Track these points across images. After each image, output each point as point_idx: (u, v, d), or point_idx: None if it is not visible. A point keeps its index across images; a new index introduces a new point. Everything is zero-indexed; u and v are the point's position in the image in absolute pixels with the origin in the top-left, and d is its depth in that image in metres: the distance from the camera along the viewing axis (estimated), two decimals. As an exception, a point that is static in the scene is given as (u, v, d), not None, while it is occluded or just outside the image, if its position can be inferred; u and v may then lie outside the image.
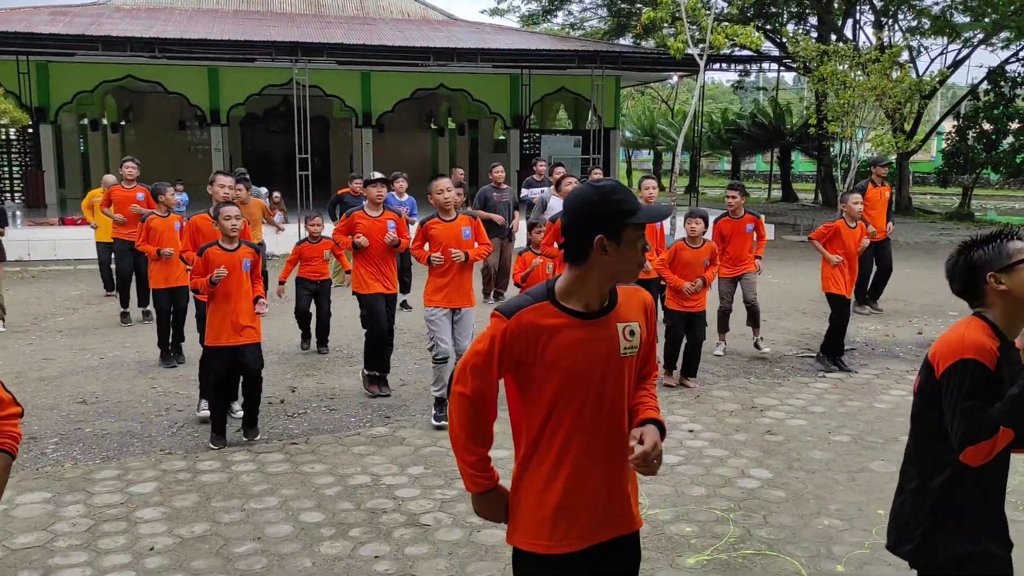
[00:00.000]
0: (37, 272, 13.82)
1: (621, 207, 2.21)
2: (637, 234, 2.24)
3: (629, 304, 2.36)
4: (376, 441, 5.94)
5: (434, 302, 6.20)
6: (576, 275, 2.27)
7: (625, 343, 2.31)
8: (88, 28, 18.37)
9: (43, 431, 6.13)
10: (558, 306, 2.27)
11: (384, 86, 22.51)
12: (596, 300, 2.29)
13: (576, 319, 2.26)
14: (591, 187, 2.26)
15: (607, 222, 2.20)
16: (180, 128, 28.09)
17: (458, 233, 6.25)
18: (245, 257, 5.83)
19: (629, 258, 2.25)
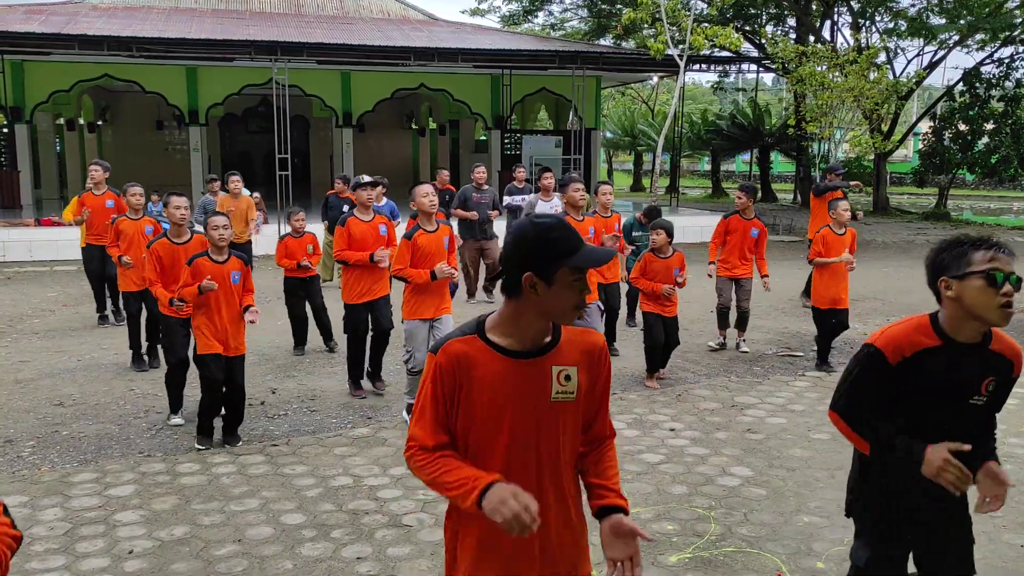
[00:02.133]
0: (12, 273, 13.65)
1: (557, 247, 2.07)
2: (573, 277, 2.09)
3: (571, 346, 2.20)
4: (358, 442, 5.91)
5: (415, 315, 6.15)
6: (509, 310, 2.15)
7: (558, 387, 2.15)
8: (64, 27, 18.18)
9: (19, 434, 6.06)
10: (486, 340, 2.15)
11: (364, 86, 22.43)
12: (529, 338, 2.15)
13: (502, 355, 2.14)
14: (530, 222, 2.13)
15: (539, 261, 2.07)
16: (158, 128, 27.87)
17: (441, 243, 6.21)
18: (234, 270, 5.76)
19: (563, 300, 2.09)
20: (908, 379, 2.60)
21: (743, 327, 8.71)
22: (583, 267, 2.10)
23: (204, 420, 5.83)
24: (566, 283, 2.09)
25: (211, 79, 21.26)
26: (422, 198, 6.17)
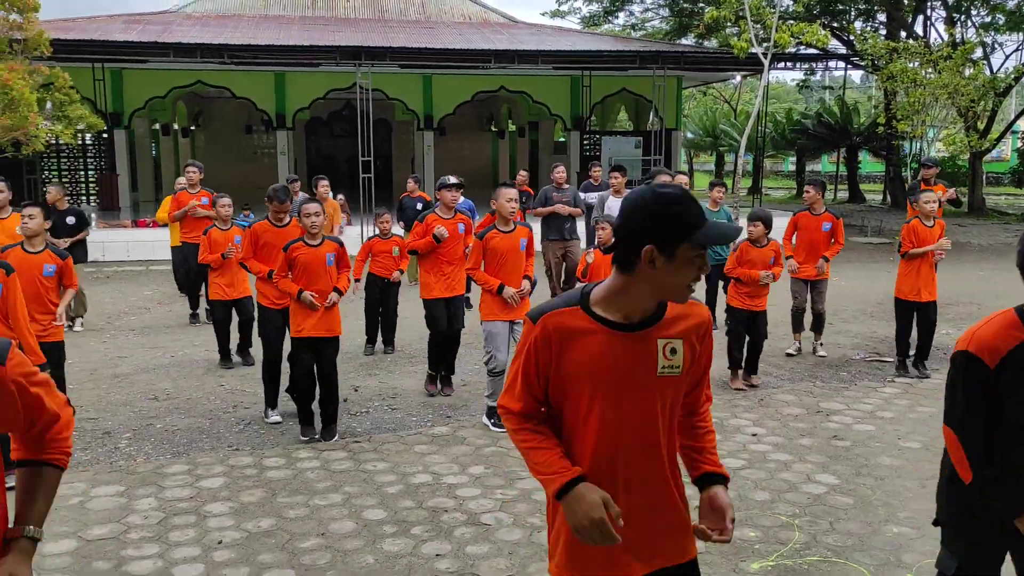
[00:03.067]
0: (111, 272, 14.28)
1: (681, 220, 1.99)
2: (695, 253, 2.01)
3: (678, 320, 2.15)
4: (437, 440, 5.98)
5: (493, 315, 6.20)
6: (619, 283, 2.09)
7: (664, 361, 2.11)
8: (160, 35, 18.93)
9: (116, 426, 6.33)
10: (589, 312, 2.10)
11: (445, 89, 22.68)
12: (637, 312, 2.10)
13: (608, 328, 2.08)
14: (652, 191, 2.05)
15: (661, 234, 1.99)
16: (247, 132, 28.72)
17: (516, 244, 6.22)
18: (328, 252, 5.94)
19: (680, 276, 2.03)
20: (1010, 379, 2.48)
21: (819, 330, 8.53)
22: (706, 244, 2.03)
23: (302, 406, 6.02)
24: (686, 259, 2.01)
25: (298, 84, 21.82)
26: (505, 202, 6.17)
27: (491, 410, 6.21)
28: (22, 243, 5.79)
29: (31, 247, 5.74)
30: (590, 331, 2.09)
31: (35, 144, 14.74)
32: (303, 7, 24.53)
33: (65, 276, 5.84)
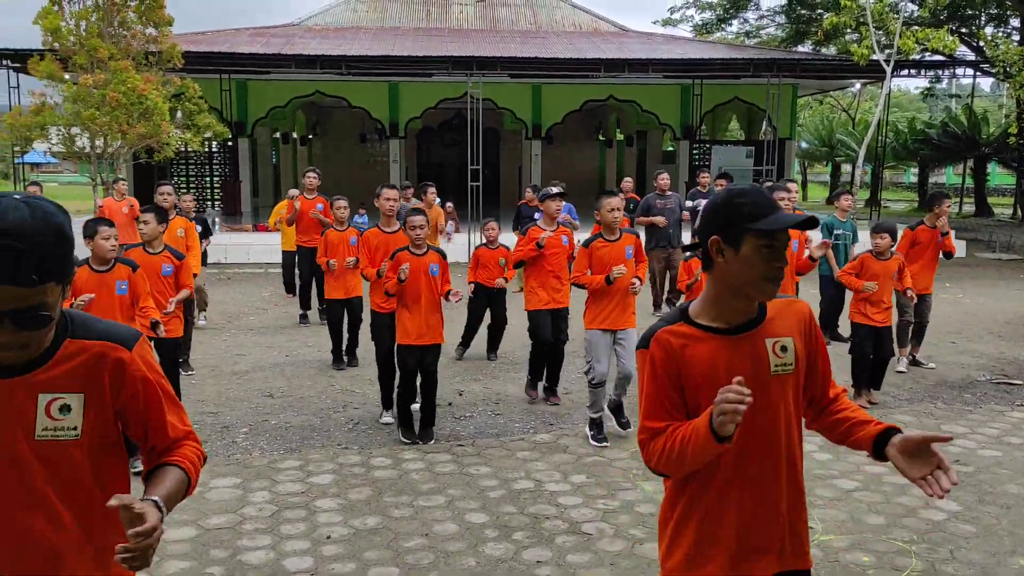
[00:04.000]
0: (232, 274, 14.96)
1: (742, 210, 2.02)
2: (762, 243, 2.01)
3: (781, 317, 2.16)
4: (539, 447, 6.00)
5: (595, 324, 6.12)
6: (708, 288, 2.14)
7: (776, 359, 2.11)
8: (283, 48, 19.73)
9: (234, 421, 6.62)
10: (692, 323, 2.13)
11: (554, 98, 22.79)
12: (734, 314, 2.11)
13: (713, 335, 2.10)
14: (726, 190, 2.11)
15: (725, 225, 2.04)
16: (361, 141, 29.58)
17: (622, 252, 6.13)
18: (432, 263, 6.06)
19: (751, 268, 2.02)
20: None
21: (919, 340, 8.26)
22: (769, 230, 2.00)
23: (401, 409, 6.17)
24: (753, 249, 2.02)
25: (411, 94, 22.36)
26: (607, 212, 6.12)
27: (592, 422, 6.17)
28: (144, 244, 6.23)
29: (151, 248, 6.23)
30: (698, 341, 2.10)
31: (166, 151, 15.62)
32: (418, 19, 25.13)
33: (181, 275, 6.30)
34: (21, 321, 1.61)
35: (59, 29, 14.52)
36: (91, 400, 1.76)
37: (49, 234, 1.59)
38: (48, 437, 1.73)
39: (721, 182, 9.85)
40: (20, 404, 1.71)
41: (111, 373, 1.78)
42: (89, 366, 1.76)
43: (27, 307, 1.60)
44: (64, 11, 14.79)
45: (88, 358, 1.76)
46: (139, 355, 1.83)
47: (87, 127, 14.64)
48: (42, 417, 1.72)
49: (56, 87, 15.16)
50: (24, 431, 1.72)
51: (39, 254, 1.57)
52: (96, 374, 1.76)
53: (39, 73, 14.61)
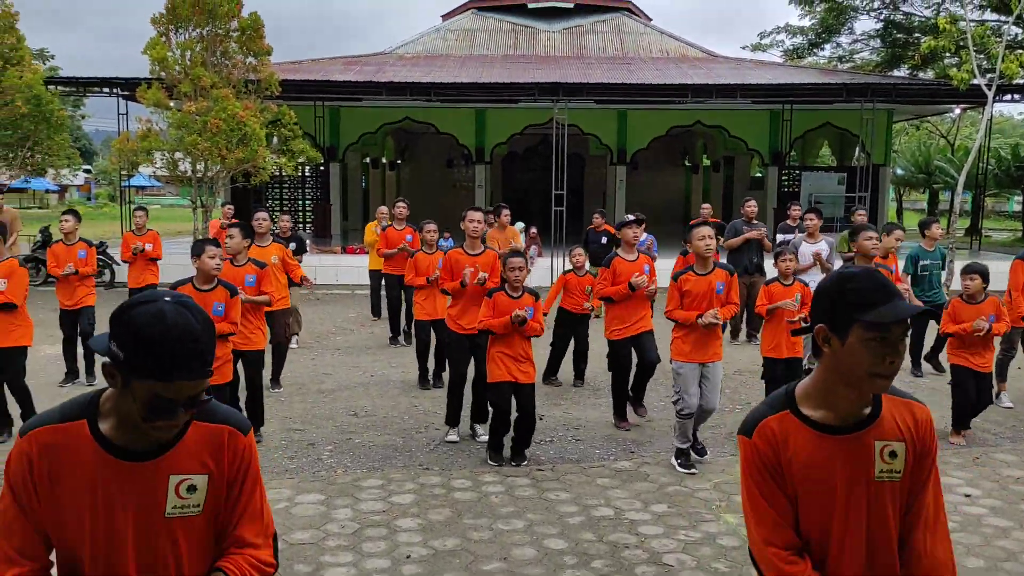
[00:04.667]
0: (321, 295, 15.36)
1: (848, 298, 1.88)
2: (870, 335, 1.86)
3: (896, 418, 1.99)
4: (620, 475, 5.94)
5: (682, 356, 6.04)
6: (818, 374, 2.00)
7: (882, 465, 1.95)
8: (374, 76, 20.27)
9: (320, 439, 6.77)
10: (798, 415, 1.99)
11: (640, 124, 22.73)
12: (845, 405, 1.96)
13: (818, 432, 1.96)
14: (836, 273, 1.99)
15: (832, 312, 1.91)
16: (448, 166, 30.06)
17: (713, 288, 6.00)
18: (528, 305, 6.10)
19: (857, 361, 1.88)
20: None
21: (1002, 376, 7.85)
22: (878, 322, 1.86)
23: (493, 438, 6.22)
24: (861, 341, 1.87)
25: (497, 120, 22.64)
26: (699, 241, 6.02)
27: (679, 451, 6.08)
28: (231, 258, 6.66)
29: (237, 262, 6.69)
30: (800, 435, 1.97)
31: (262, 175, 16.20)
32: (506, 47, 25.47)
33: (264, 283, 6.69)
34: (192, 405, 1.80)
35: (166, 59, 15.27)
36: (213, 479, 1.92)
37: (210, 331, 1.82)
38: (176, 515, 1.89)
39: (812, 217, 9.58)
40: (154, 485, 1.86)
41: (228, 453, 1.94)
42: (212, 448, 1.92)
43: (200, 392, 1.80)
44: (171, 42, 15.56)
45: (212, 441, 1.92)
46: (251, 441, 2.00)
47: (189, 152, 15.32)
48: (172, 496, 1.87)
49: (162, 114, 15.92)
50: (157, 510, 1.87)
51: (210, 349, 1.79)
52: (218, 455, 1.93)
53: (146, 101, 15.38)
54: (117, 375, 1.77)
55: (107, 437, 1.84)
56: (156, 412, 1.76)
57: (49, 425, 1.85)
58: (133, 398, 1.77)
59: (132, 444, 1.85)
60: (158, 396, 1.74)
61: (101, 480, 1.83)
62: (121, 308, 1.79)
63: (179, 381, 1.74)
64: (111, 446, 1.84)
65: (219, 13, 15.44)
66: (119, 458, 1.84)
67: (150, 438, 1.84)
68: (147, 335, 1.72)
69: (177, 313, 1.75)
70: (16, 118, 15.52)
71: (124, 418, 1.83)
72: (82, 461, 1.83)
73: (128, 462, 1.84)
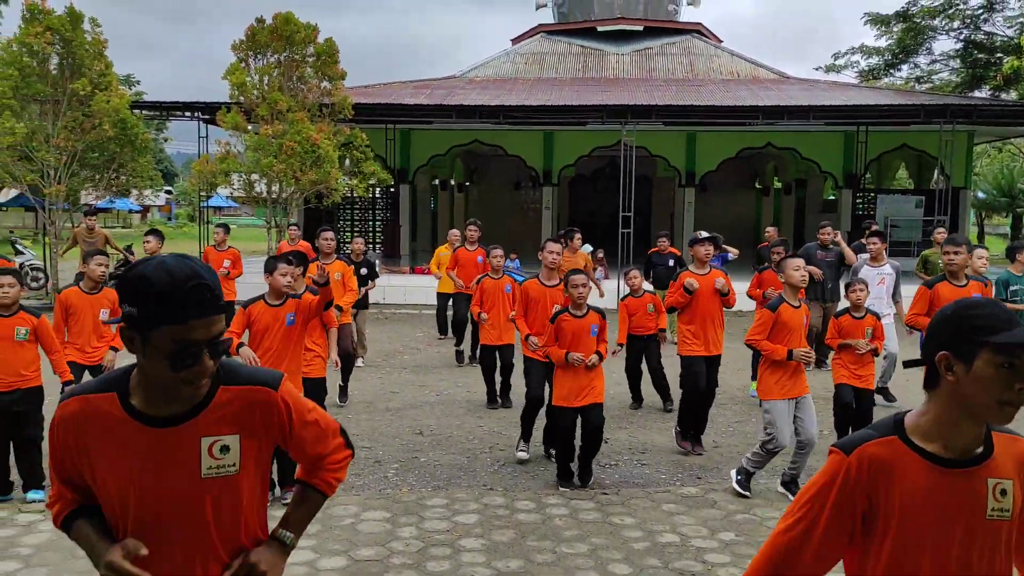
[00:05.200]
0: (389, 314, 15.57)
1: (975, 322, 1.81)
2: (1000, 359, 1.77)
3: (1007, 456, 1.90)
4: (686, 501, 5.85)
5: (773, 394, 5.86)
6: (932, 405, 1.90)
7: (994, 503, 1.86)
8: (445, 99, 20.57)
9: (386, 457, 6.84)
10: (908, 443, 1.88)
11: (709, 146, 22.53)
12: (961, 439, 1.87)
13: (930, 463, 1.86)
14: (955, 303, 1.91)
15: (955, 338, 1.82)
16: (515, 188, 30.22)
17: (800, 320, 5.90)
18: (592, 323, 6.10)
19: (985, 389, 1.79)
20: None
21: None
22: (1010, 344, 1.77)
23: (558, 464, 6.20)
24: (989, 367, 1.79)
25: (565, 142, 22.72)
26: (793, 271, 5.90)
27: (744, 471, 5.98)
28: None
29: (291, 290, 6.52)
30: (910, 464, 1.87)
31: (334, 196, 16.55)
32: (574, 70, 25.57)
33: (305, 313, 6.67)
34: (215, 350, 1.86)
35: (245, 84, 15.79)
36: (245, 438, 1.99)
37: (213, 274, 1.89)
38: (212, 475, 1.96)
39: (875, 241, 9.31)
40: (187, 448, 1.94)
41: (260, 412, 2.00)
42: (240, 408, 1.98)
43: (218, 334, 1.86)
44: (250, 67, 16.09)
45: (239, 402, 1.98)
46: (283, 394, 2.04)
47: (265, 174, 15.77)
48: (206, 457, 1.95)
49: (240, 137, 16.44)
50: (194, 471, 1.94)
51: (217, 287, 1.86)
52: (247, 415, 1.99)
53: (225, 124, 15.90)
54: (135, 336, 1.83)
55: (136, 408, 1.92)
56: (181, 359, 1.81)
57: (83, 395, 1.95)
58: (156, 354, 1.82)
59: (162, 411, 1.92)
60: (178, 341, 1.79)
61: (134, 448, 1.91)
62: (124, 271, 1.88)
63: (193, 320, 1.79)
64: (140, 415, 1.92)
65: (296, 39, 15.92)
66: (150, 426, 1.91)
67: (182, 397, 1.90)
68: (154, 284, 1.78)
69: (178, 260, 1.83)
70: (103, 141, 16.18)
71: (152, 386, 1.91)
72: (114, 430, 1.91)
73: (159, 428, 1.92)
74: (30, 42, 15.33)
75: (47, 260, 17.26)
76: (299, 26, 15.93)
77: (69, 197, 16.81)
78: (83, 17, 15.97)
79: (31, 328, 5.70)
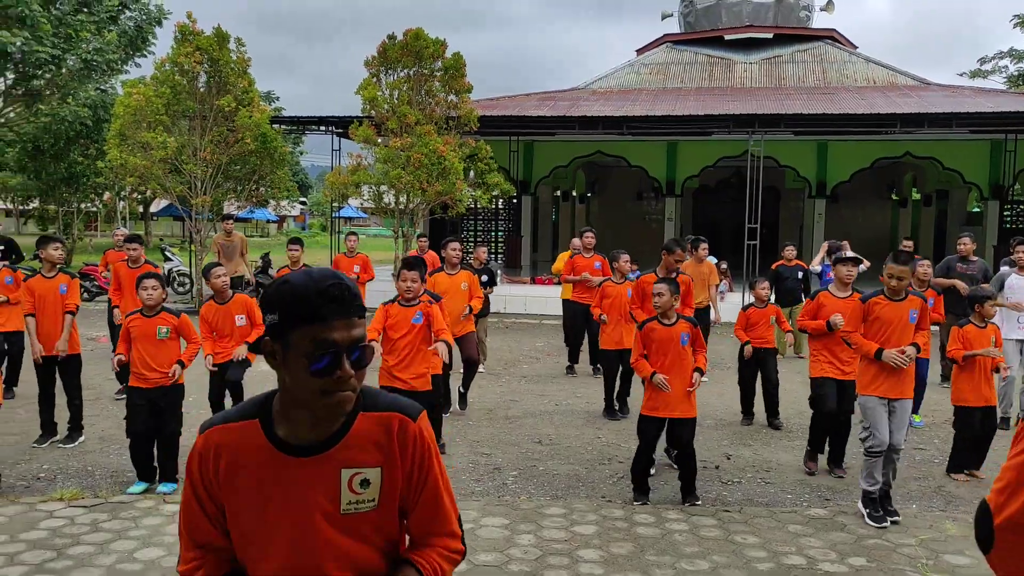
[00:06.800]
0: (509, 323, 15.72)
1: None
2: None
3: None
4: (814, 522, 5.64)
5: (870, 390, 5.70)
6: None
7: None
8: (568, 110, 20.66)
9: (506, 464, 6.91)
10: None
11: (842, 155, 21.71)
12: None
13: None
14: None
15: None
16: (637, 199, 29.99)
17: (905, 315, 5.70)
18: (683, 332, 5.98)
19: None
20: None
21: None
22: None
23: (636, 473, 6.12)
24: None
25: (689, 153, 22.40)
26: (888, 277, 5.73)
27: (867, 497, 5.72)
28: None
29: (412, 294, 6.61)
30: None
31: (459, 207, 16.87)
32: (700, 80, 25.19)
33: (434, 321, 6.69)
34: (355, 357, 1.77)
35: (376, 98, 16.34)
36: (386, 471, 1.86)
37: (354, 283, 1.82)
38: (352, 511, 1.84)
39: (1022, 248, 8.74)
40: (328, 480, 1.83)
41: (399, 441, 1.87)
42: (382, 438, 1.86)
43: (359, 339, 1.77)
44: (381, 82, 16.64)
45: (380, 430, 1.86)
46: (423, 426, 1.91)
47: (393, 185, 16.25)
48: (346, 492, 1.83)
49: (370, 149, 17.01)
50: (331, 506, 1.83)
51: (357, 294, 1.81)
52: (388, 445, 1.86)
53: (357, 137, 16.49)
54: (276, 345, 1.77)
55: (278, 435, 1.83)
56: (321, 365, 1.72)
57: (224, 424, 1.87)
58: (296, 361, 1.73)
59: (302, 439, 1.82)
60: (318, 342, 1.72)
61: (275, 478, 1.82)
62: (268, 286, 1.86)
63: (334, 319, 1.72)
64: (282, 443, 1.82)
65: (425, 55, 16.35)
66: (290, 454, 1.82)
67: (323, 418, 1.80)
68: (294, 286, 1.75)
69: (319, 269, 1.80)
70: (245, 154, 17.10)
71: (293, 408, 1.81)
72: (255, 459, 1.83)
73: (299, 458, 1.82)
74: (181, 61, 16.38)
75: (192, 266, 18.34)
76: (428, 41, 16.36)
77: (213, 207, 17.83)
78: (229, 37, 16.94)
79: (172, 327, 6.14)
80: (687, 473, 6.03)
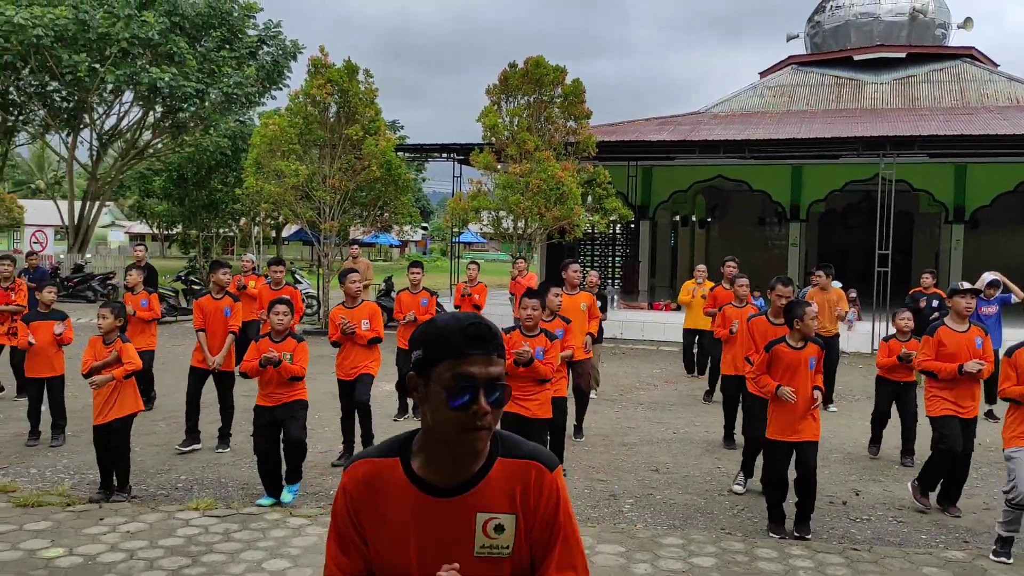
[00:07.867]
0: (627, 349, 15.58)
1: None
2: None
3: None
4: (951, 565, 5.32)
5: (1019, 441, 5.36)
6: None
7: None
8: (688, 135, 20.42)
9: (622, 491, 6.83)
10: None
11: (982, 178, 20.55)
12: None
13: None
14: None
15: None
16: (760, 224, 29.25)
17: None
18: (811, 355, 5.82)
19: None
20: None
21: None
22: None
23: (771, 501, 5.94)
24: None
25: (815, 176, 21.70)
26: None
27: (1001, 539, 5.37)
28: None
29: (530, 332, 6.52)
30: None
31: (576, 232, 16.91)
32: (827, 102, 24.44)
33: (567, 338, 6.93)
34: (493, 394, 1.80)
35: (496, 125, 16.63)
36: (521, 520, 1.87)
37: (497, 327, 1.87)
38: (485, 555, 1.86)
39: None
40: (463, 522, 1.86)
41: (534, 491, 1.88)
42: (519, 486, 1.87)
43: (496, 377, 1.81)
44: (502, 110, 16.94)
45: (518, 478, 1.88)
46: (559, 479, 1.93)
47: (512, 210, 16.46)
48: (480, 535, 1.85)
49: (490, 175, 17.31)
50: (465, 548, 1.86)
51: (499, 335, 1.86)
52: (524, 494, 1.87)
53: (478, 164, 16.82)
54: (419, 380, 1.83)
55: (418, 474, 1.87)
56: (460, 400, 1.76)
57: (367, 459, 1.91)
58: (436, 395, 1.79)
59: (441, 480, 1.86)
60: (457, 376, 1.76)
61: (413, 517, 1.86)
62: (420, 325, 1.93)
63: (472, 355, 1.77)
64: (421, 482, 1.86)
65: (545, 82, 16.55)
66: (428, 494, 1.86)
67: (461, 456, 1.83)
68: (439, 325, 1.83)
69: (464, 312, 1.87)
70: (371, 181, 17.71)
71: (433, 446, 1.86)
72: (395, 497, 1.87)
73: (437, 498, 1.85)
74: (314, 93, 17.17)
75: (320, 289, 19.07)
76: (548, 69, 16.55)
77: (340, 232, 18.52)
78: (358, 69, 17.63)
79: (292, 352, 6.41)
80: (808, 501, 5.81)
